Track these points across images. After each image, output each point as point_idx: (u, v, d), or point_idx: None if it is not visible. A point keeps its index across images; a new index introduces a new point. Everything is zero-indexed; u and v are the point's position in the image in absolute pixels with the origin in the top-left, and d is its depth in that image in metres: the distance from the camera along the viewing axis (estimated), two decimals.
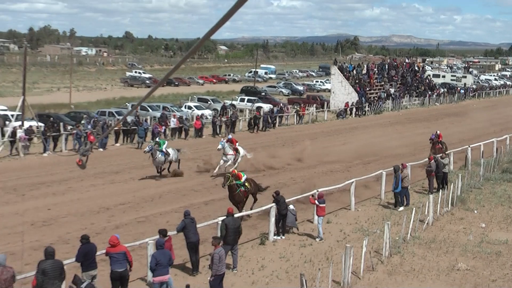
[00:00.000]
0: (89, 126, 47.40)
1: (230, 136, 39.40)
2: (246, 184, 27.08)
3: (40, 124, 47.82)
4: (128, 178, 36.42)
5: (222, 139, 38.42)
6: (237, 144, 37.61)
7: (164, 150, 35.31)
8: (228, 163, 36.54)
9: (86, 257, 18.01)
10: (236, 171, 27.68)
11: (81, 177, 34.72)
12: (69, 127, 48.09)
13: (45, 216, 28.19)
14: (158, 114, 56.43)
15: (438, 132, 38.12)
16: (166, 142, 37.11)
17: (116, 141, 48.09)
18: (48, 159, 42.05)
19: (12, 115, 48.16)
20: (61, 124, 47.77)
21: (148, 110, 57.50)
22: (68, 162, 38.90)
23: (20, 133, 43.17)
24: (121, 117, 53.47)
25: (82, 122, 49.95)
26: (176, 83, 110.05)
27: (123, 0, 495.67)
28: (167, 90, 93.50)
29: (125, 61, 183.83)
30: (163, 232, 19.69)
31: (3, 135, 44.33)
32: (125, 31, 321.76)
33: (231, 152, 36.56)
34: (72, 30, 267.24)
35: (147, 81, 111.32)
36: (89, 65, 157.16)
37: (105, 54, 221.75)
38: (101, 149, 44.43)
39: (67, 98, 74.90)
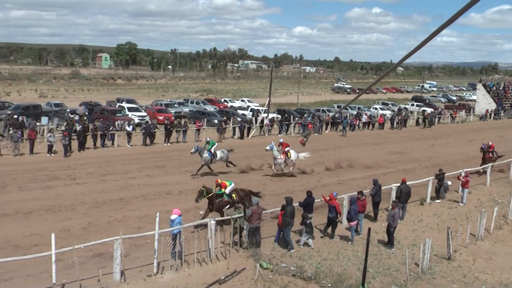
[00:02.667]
0: (309, 118, 49.23)
1: (281, 140, 31.65)
2: (233, 195, 20.26)
3: (278, 116, 50.52)
4: (333, 153, 37.37)
5: (272, 142, 30.25)
6: (287, 148, 29.79)
7: (212, 151, 29.15)
8: (277, 166, 29.40)
9: (308, 204, 19.32)
10: (219, 180, 20.78)
11: (300, 151, 36.49)
12: (296, 118, 50.92)
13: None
14: (354, 112, 57.62)
15: (490, 143, 33.56)
16: (216, 143, 30.49)
17: (326, 129, 50.93)
18: (282, 138, 46.48)
19: (262, 110, 51.98)
20: (291, 116, 51.36)
21: (347, 110, 57.87)
22: (293, 141, 39.76)
23: (266, 121, 46.72)
24: (330, 114, 57.02)
25: (305, 115, 51.97)
26: (367, 91, 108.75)
27: (335, 36, 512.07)
28: (361, 96, 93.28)
29: (334, 76, 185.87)
30: (360, 192, 20.45)
31: (256, 122, 47.87)
32: (335, 56, 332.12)
33: (280, 156, 29.04)
34: (301, 56, 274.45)
35: (348, 90, 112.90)
36: (310, 79, 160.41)
37: (321, 71, 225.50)
38: (316, 134, 46.66)
39: (296, 99, 77.64)
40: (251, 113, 53.61)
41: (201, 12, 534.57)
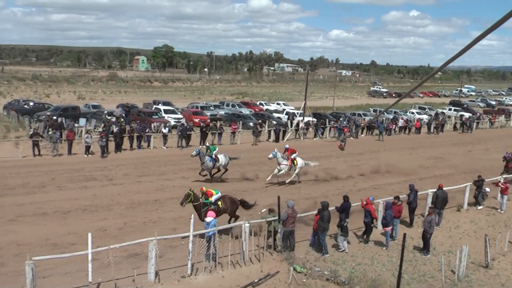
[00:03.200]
0: (345, 122, 49.42)
1: (287, 146, 30.13)
2: (219, 203, 19.31)
3: (314, 119, 50.17)
4: (369, 157, 37.52)
5: (275, 149, 28.73)
6: (293, 154, 28.38)
7: (213, 155, 28.02)
8: (281, 172, 27.77)
9: (345, 209, 19.11)
10: (204, 188, 19.73)
11: (337, 155, 36.24)
12: (331, 122, 50.54)
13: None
14: (391, 116, 57.00)
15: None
16: (217, 148, 29.28)
17: (362, 133, 50.17)
18: (316, 142, 44.62)
19: (297, 113, 51.49)
20: (327, 119, 50.93)
21: (384, 114, 57.07)
22: (329, 145, 41.48)
23: (301, 124, 46.50)
24: (366, 118, 56.23)
25: (340, 119, 51.98)
26: (408, 96, 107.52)
27: (372, 40, 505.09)
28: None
29: (370, 80, 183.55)
30: (397, 197, 20.23)
31: (291, 125, 47.59)
32: (371, 60, 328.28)
33: (284, 162, 27.70)
34: (337, 59, 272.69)
35: (384, 94, 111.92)
36: (346, 82, 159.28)
37: (357, 75, 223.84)
38: (351, 138, 45.66)
39: (331, 103, 76.83)
40: (286, 116, 53.54)
41: (237, 15, 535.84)
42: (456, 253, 17.32)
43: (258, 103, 67.96)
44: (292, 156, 28.21)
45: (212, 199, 19.34)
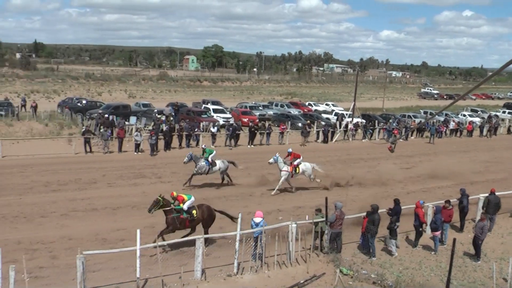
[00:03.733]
0: (394, 124, 48.71)
1: (290, 150, 27.52)
2: (194, 212, 17.67)
3: (363, 120, 49.64)
4: (418, 160, 37.39)
5: (277, 153, 26.47)
6: (297, 160, 26.44)
7: (209, 159, 26.28)
8: (281, 179, 25.79)
9: (396, 213, 18.75)
10: (175, 193, 18.09)
11: (386, 157, 35.32)
12: (381, 123, 49.98)
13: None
14: (442, 118, 55.43)
15: None
16: (214, 152, 27.33)
17: (412, 135, 48.99)
18: (365, 144, 44.38)
19: (346, 114, 51.23)
20: (376, 121, 50.34)
21: (435, 116, 55.22)
22: (378, 147, 41.25)
23: (350, 125, 46.11)
24: (416, 120, 55.71)
25: (390, 120, 51.20)
26: (464, 97, 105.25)
27: (423, 40, 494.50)
28: (449, 102, 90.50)
29: (421, 81, 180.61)
30: (448, 202, 19.75)
31: (340, 126, 47.28)
32: (422, 61, 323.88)
33: (285, 168, 25.73)
34: (387, 60, 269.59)
35: (435, 96, 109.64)
36: (396, 83, 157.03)
37: (407, 76, 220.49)
38: (401, 140, 44.56)
39: (381, 104, 75.64)
40: (335, 117, 53.25)
41: (287, 15, 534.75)
42: (508, 260, 16.82)
43: (307, 103, 67.75)
44: (295, 162, 26.42)
45: (185, 206, 17.78)
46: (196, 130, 38.30)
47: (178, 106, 47.89)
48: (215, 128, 38.88)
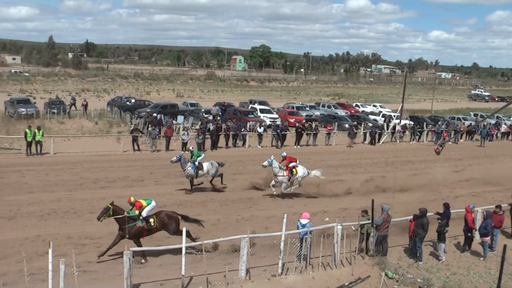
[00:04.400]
0: (443, 126, 47.81)
1: (284, 154, 25.46)
2: (151, 220, 16.34)
3: (411, 122, 49.09)
4: (467, 163, 37.22)
5: (271, 156, 24.58)
6: (293, 163, 24.60)
7: (196, 162, 24.60)
8: (283, 185, 24.36)
9: (447, 217, 18.29)
10: (132, 198, 16.68)
11: (434, 160, 35.03)
12: (429, 126, 49.26)
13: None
14: (493, 121, 54.73)
15: None
16: (203, 155, 25.69)
17: (461, 138, 48.17)
18: (413, 146, 43.69)
19: (394, 115, 50.66)
20: (424, 123, 49.87)
21: (486, 118, 53.26)
22: (426, 149, 40.46)
23: (398, 127, 45.48)
24: (466, 122, 54.47)
25: (439, 123, 50.08)
26: (508, 100, 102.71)
27: (474, 41, 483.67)
28: (500, 104, 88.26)
29: (471, 83, 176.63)
30: (498, 206, 19.28)
31: (387, 128, 47.03)
32: (473, 62, 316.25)
33: (281, 173, 24.04)
34: (436, 61, 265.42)
35: (486, 98, 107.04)
36: (446, 85, 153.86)
37: (457, 77, 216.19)
38: (450, 143, 44.04)
39: (430, 106, 74.43)
40: (382, 118, 52.68)
41: (335, 15, 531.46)
42: None
43: (354, 104, 67.20)
44: (291, 165, 24.59)
45: (144, 213, 16.46)
46: (242, 130, 38.43)
47: (225, 106, 48.17)
48: (262, 128, 38.95)
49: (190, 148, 26.91)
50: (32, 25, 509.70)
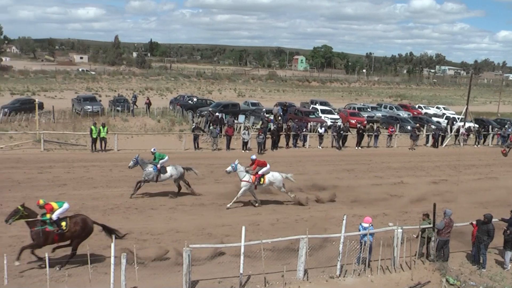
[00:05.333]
0: (510, 129, 45.92)
1: (253, 157, 23.64)
2: (63, 224, 15.01)
3: (476, 125, 47.76)
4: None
5: (236, 160, 22.90)
6: (263, 169, 22.62)
7: (158, 165, 23.06)
8: (241, 191, 22.23)
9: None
10: (42, 201, 15.25)
11: (500, 164, 34.48)
12: (495, 129, 47.84)
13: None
14: None
15: None
16: (166, 157, 23.73)
17: None
18: (477, 149, 42.35)
19: (458, 118, 49.17)
20: (490, 126, 48.17)
21: None
22: (491, 153, 39.93)
23: (462, 130, 44.29)
24: None
25: (506, 126, 48.28)
26: None
27: None
28: None
29: None
30: None
31: (451, 130, 45.72)
32: None
33: (246, 178, 22.17)
34: (504, 62, 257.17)
35: None
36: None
37: None
38: None
39: (496, 109, 72.36)
40: (446, 121, 51.49)
41: (398, 15, 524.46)
42: None
43: (416, 106, 66.02)
44: (260, 172, 22.60)
45: (54, 216, 15.19)
46: (303, 130, 38.36)
47: (286, 106, 48.18)
48: (323, 128, 38.75)
49: (152, 150, 24.14)
50: (99, 25, 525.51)
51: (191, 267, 13.94)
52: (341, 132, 38.19)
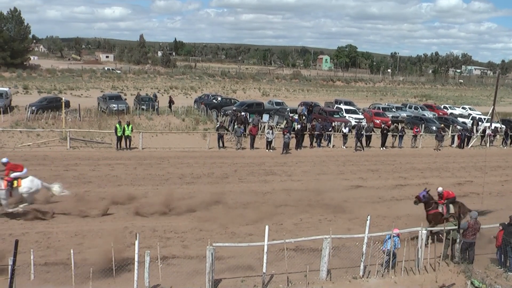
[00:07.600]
0: None
1: (4, 160, 18.92)
2: None
3: (503, 126, 47.31)
4: None
5: None
6: (16, 174, 18.56)
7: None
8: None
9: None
10: None
11: None
12: None
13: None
14: None
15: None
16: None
17: None
18: (504, 151, 41.78)
19: (484, 118, 48.94)
20: None
21: None
22: None
23: (488, 131, 43.98)
24: None
25: None
26: None
27: None
28: None
29: None
30: None
31: (476, 131, 45.23)
32: None
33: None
34: None
35: None
36: None
37: None
38: None
39: None
40: (471, 121, 50.88)
41: (424, 15, 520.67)
42: None
43: (442, 106, 65.37)
44: (13, 175, 18.64)
45: None
46: (330, 130, 38.24)
47: (311, 106, 48.08)
48: (347, 128, 38.55)
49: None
50: (124, 24, 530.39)
51: (214, 265, 13.94)
52: (362, 133, 37.79)
